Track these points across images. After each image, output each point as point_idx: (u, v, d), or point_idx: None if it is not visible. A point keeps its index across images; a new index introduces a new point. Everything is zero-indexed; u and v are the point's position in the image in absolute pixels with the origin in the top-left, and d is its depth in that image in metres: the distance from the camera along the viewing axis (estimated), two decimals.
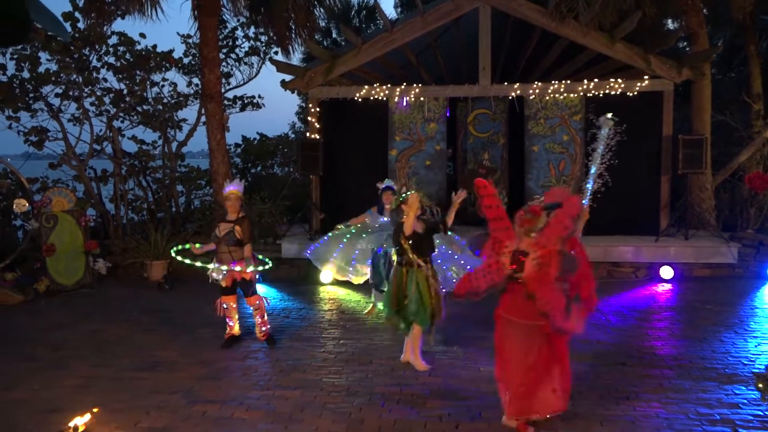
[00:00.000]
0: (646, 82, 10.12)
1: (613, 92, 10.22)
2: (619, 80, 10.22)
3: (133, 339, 6.84)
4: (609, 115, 5.30)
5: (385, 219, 7.74)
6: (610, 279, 9.49)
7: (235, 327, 6.69)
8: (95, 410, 4.67)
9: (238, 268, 6.26)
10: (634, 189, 10.29)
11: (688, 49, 12.33)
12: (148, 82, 11.65)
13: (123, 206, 11.38)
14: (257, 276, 7.08)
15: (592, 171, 5.37)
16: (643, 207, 10.30)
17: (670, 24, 12.99)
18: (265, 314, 6.69)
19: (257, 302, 6.58)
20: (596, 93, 10.28)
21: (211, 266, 6.37)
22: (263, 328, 6.64)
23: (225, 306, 6.59)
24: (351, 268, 8.09)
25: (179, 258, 6.34)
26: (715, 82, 11.16)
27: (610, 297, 8.35)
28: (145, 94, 11.71)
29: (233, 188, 6.37)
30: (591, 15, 9.40)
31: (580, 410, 4.79)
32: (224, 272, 6.32)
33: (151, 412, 4.89)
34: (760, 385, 3.32)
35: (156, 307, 8.27)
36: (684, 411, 4.76)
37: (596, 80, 10.32)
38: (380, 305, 7.44)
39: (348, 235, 8.09)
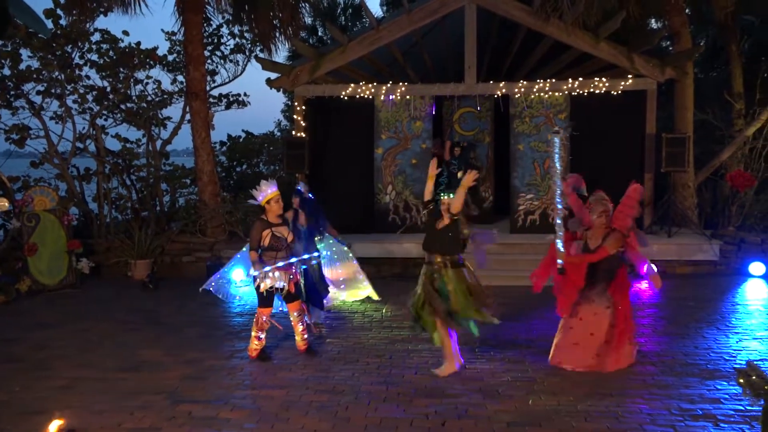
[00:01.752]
0: (630, 81, 10.20)
1: (597, 91, 10.29)
2: (603, 79, 10.30)
3: (117, 339, 6.78)
4: (556, 128, 5.21)
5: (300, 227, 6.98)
6: None
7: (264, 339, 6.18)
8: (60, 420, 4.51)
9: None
10: (618, 187, 10.25)
11: (671, 48, 12.45)
12: (131, 80, 11.55)
13: (106, 205, 11.27)
14: None
15: (558, 184, 5.63)
16: None
17: (654, 23, 13.11)
18: (305, 322, 6.23)
19: (301, 306, 6.25)
20: (581, 92, 10.35)
21: (268, 276, 5.91)
22: (306, 336, 6.21)
23: (265, 319, 6.05)
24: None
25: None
26: (697, 82, 11.27)
27: None
28: (128, 91, 11.61)
29: (274, 189, 5.95)
30: (575, 14, 9.46)
31: (564, 406, 4.83)
32: (290, 277, 6.02)
33: (135, 413, 4.85)
34: (741, 381, 3.36)
35: (140, 306, 8.21)
36: (667, 407, 4.81)
37: (581, 79, 10.39)
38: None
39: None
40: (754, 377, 3.32)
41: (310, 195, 7.46)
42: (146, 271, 9.76)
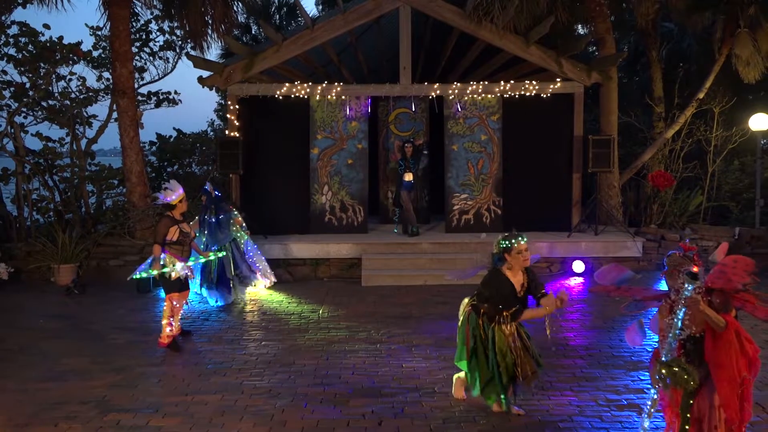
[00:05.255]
0: (559, 84, 10.56)
1: (528, 93, 10.59)
2: (534, 82, 10.61)
3: (39, 347, 6.46)
4: (695, 269, 3.62)
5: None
6: None
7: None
8: None
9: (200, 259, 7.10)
10: (548, 187, 10.74)
11: (596, 53, 12.95)
12: (53, 76, 11.02)
13: (27, 207, 10.71)
14: None
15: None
16: (556, 204, 10.75)
17: (581, 29, 13.61)
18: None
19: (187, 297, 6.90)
20: (512, 94, 10.62)
21: (179, 266, 6.42)
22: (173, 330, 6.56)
23: (176, 304, 6.51)
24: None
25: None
26: (621, 86, 11.79)
27: None
28: (50, 88, 11.08)
29: (183, 191, 6.56)
30: (506, 18, 9.71)
31: None
32: (190, 268, 6.68)
33: (60, 424, 4.63)
34: (664, 371, 3.53)
35: (64, 312, 7.84)
36: (594, 398, 5.01)
37: (512, 82, 10.67)
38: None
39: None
40: (676, 368, 3.49)
41: (217, 193, 8.37)
42: (71, 276, 9.33)
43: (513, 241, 4.46)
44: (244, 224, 8.62)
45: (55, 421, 4.69)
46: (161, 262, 6.33)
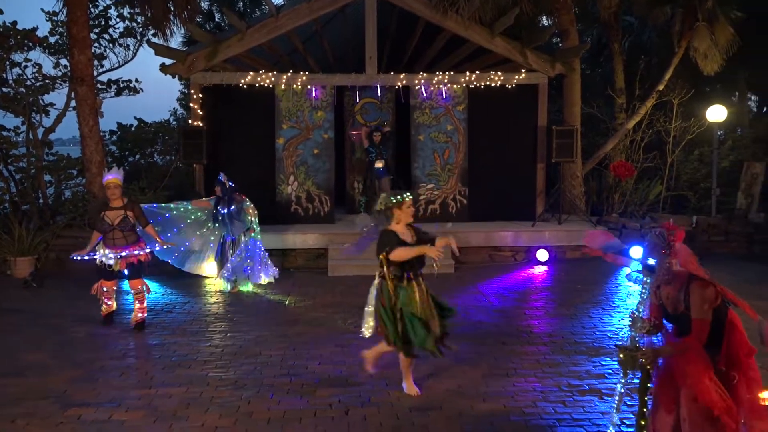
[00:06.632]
0: (523, 75, 10.66)
1: (493, 84, 10.67)
2: (499, 73, 10.69)
3: None
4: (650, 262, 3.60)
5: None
6: (492, 263, 9.95)
7: (114, 305, 6.96)
8: None
9: (137, 252, 6.67)
10: (513, 177, 10.87)
11: (560, 45, 13.12)
12: (7, 62, 10.66)
13: None
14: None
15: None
16: (521, 194, 10.88)
17: (545, 21, 13.76)
18: (145, 300, 6.81)
19: (140, 286, 6.75)
20: (478, 85, 10.69)
21: (101, 253, 6.64)
22: (140, 315, 6.72)
23: (105, 289, 6.78)
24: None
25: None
26: (584, 77, 11.98)
27: (492, 280, 8.77)
28: (4, 75, 10.73)
29: (112, 177, 6.59)
30: (472, 9, 9.75)
31: (464, 389, 4.99)
32: (121, 256, 6.60)
33: (18, 421, 4.51)
34: (622, 356, 3.62)
35: (22, 306, 7.63)
36: (557, 384, 5.10)
37: (478, 72, 10.73)
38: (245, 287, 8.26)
39: (189, 219, 8.66)
40: (634, 353, 3.57)
41: (230, 183, 8.43)
42: (28, 269, 9.08)
43: (401, 197, 4.73)
44: (256, 212, 8.56)
45: (12, 417, 4.56)
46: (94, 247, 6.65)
